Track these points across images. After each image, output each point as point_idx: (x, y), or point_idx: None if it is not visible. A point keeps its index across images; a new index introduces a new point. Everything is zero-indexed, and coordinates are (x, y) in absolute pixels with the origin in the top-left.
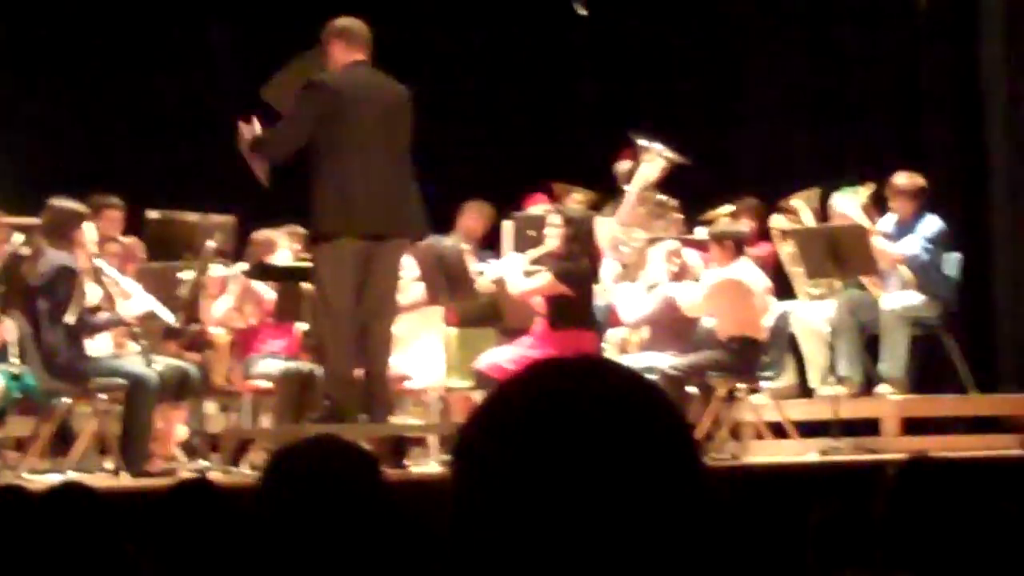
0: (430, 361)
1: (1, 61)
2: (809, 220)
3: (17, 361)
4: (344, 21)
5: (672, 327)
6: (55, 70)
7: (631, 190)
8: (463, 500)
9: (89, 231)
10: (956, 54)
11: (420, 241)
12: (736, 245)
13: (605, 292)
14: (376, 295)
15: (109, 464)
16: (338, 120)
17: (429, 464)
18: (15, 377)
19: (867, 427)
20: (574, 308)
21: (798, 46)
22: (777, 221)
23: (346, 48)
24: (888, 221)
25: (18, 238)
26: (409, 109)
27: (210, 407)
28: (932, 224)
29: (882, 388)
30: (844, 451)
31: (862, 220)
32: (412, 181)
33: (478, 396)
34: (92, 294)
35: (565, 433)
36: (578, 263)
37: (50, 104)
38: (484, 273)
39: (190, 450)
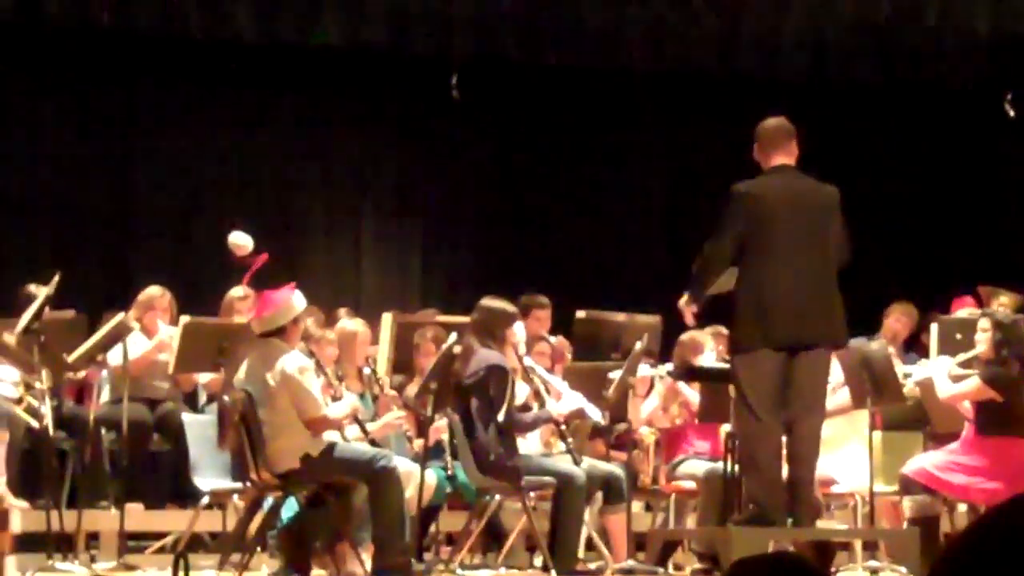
0: (855, 465)
1: (447, 164)
2: None
3: (450, 458)
4: (766, 123)
5: None
6: (493, 174)
7: None
8: None
9: (519, 330)
10: None
11: (840, 349)
12: None
13: None
14: (802, 399)
15: (538, 561)
16: (759, 228)
17: (856, 570)
18: (448, 475)
19: None
20: (1004, 414)
21: None
22: None
23: (763, 154)
24: None
25: (451, 337)
26: (836, 211)
27: (636, 506)
28: None
29: None
30: None
31: None
32: (835, 287)
33: (904, 501)
34: (521, 393)
35: None
36: (1008, 368)
37: (484, 206)
38: (910, 376)
39: (588, 546)
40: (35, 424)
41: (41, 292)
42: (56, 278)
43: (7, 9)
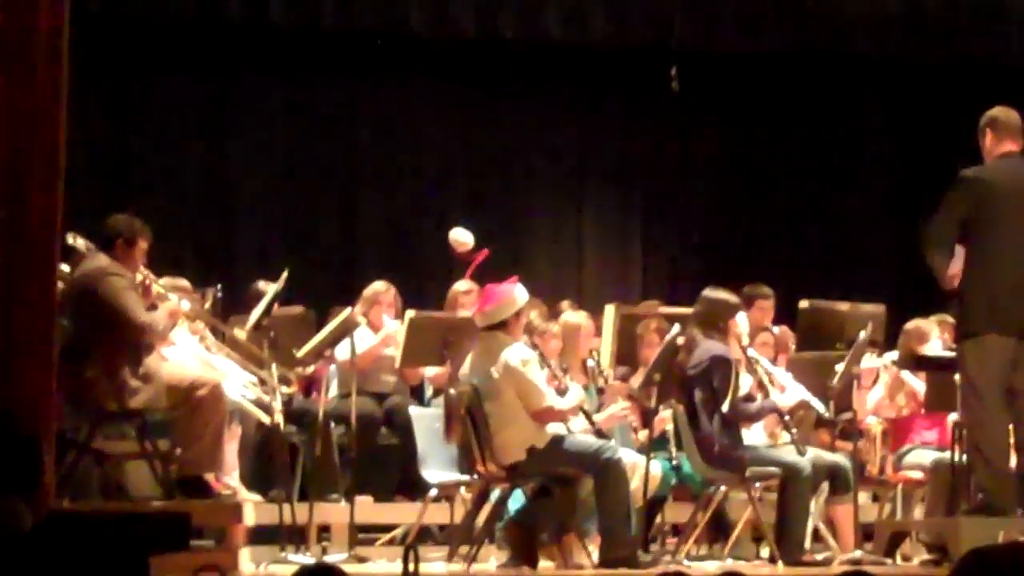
0: None
1: (667, 155)
2: None
3: (675, 449)
4: (993, 112)
5: None
6: (714, 164)
7: None
8: None
9: (742, 321)
10: None
11: None
12: None
13: None
14: None
15: (765, 552)
16: (986, 213)
17: None
18: (673, 466)
19: None
20: None
21: None
22: None
23: (995, 139)
24: None
25: (674, 328)
26: None
27: (862, 497)
28: None
29: None
30: None
31: None
32: None
33: None
34: (745, 383)
35: None
36: None
37: (705, 197)
38: None
39: (815, 537)
40: (266, 419)
41: (270, 288)
42: (285, 274)
43: (235, 13)
